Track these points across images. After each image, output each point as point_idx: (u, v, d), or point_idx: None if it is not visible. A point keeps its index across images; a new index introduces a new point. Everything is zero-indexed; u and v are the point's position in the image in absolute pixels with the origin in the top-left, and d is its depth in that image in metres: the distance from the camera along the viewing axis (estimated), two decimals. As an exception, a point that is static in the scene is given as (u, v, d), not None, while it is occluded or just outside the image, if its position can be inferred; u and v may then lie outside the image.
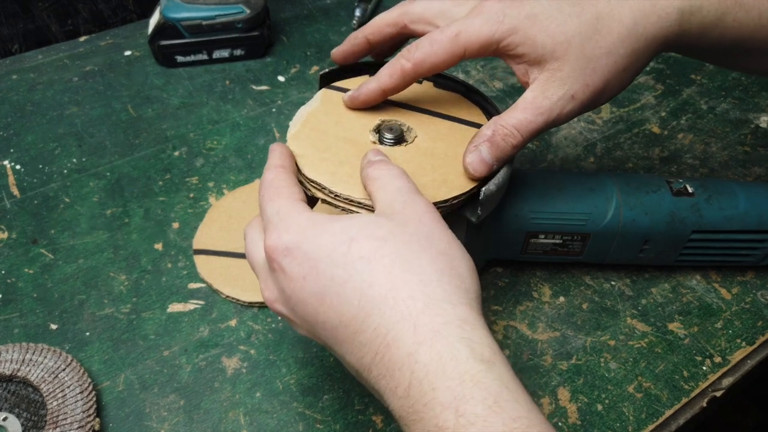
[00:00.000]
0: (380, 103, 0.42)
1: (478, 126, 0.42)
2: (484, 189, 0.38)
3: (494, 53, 0.38)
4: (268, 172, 0.35)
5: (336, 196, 0.37)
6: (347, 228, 0.30)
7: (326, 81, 0.45)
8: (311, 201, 0.38)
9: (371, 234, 0.30)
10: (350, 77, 0.46)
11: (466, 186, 0.38)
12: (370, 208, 0.36)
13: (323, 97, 0.43)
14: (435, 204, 0.37)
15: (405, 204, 0.32)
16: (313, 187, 0.38)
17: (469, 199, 0.39)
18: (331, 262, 0.30)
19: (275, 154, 0.37)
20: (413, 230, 0.31)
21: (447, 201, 0.37)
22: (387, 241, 0.30)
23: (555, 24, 0.36)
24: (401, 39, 0.45)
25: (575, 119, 0.64)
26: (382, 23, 0.43)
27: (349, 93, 0.41)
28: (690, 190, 0.47)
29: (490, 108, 0.44)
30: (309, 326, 0.32)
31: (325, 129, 0.41)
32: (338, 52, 0.45)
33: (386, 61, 0.45)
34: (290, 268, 0.31)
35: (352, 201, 0.36)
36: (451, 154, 0.40)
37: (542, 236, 0.46)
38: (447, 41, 0.37)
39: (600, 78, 0.37)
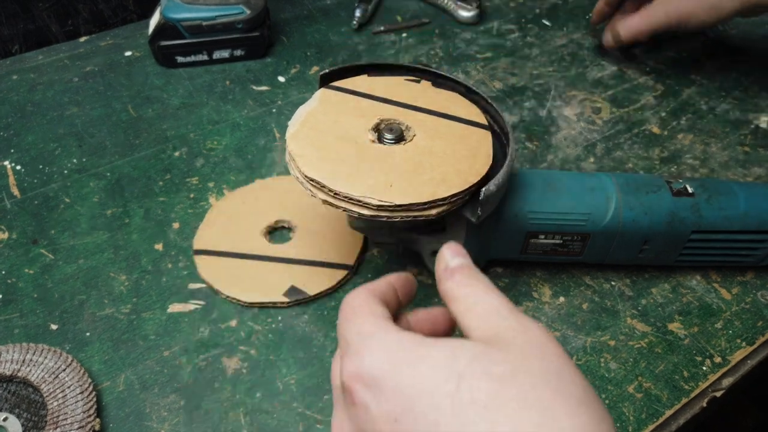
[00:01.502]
0: (378, 103, 0.42)
1: (477, 125, 0.42)
2: (484, 189, 0.38)
3: None
4: (348, 295, 0.29)
5: (336, 194, 0.37)
6: (453, 359, 0.24)
7: (327, 81, 0.45)
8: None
9: (487, 370, 0.23)
10: (350, 77, 0.46)
11: (465, 184, 0.38)
12: (373, 207, 0.36)
13: (322, 96, 0.43)
14: (435, 202, 0.37)
15: (516, 331, 0.25)
16: (313, 186, 0.38)
17: (470, 199, 0.39)
18: (433, 405, 0.23)
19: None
20: (538, 368, 0.23)
21: (446, 199, 0.37)
22: (507, 382, 0.23)
23: None
24: None
25: (575, 119, 0.65)
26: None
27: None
28: (690, 190, 0.47)
29: (489, 108, 0.44)
30: None
31: (323, 128, 0.41)
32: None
33: (383, 63, 0.46)
34: (375, 406, 0.24)
35: (351, 199, 0.37)
36: (449, 152, 0.40)
37: (542, 236, 0.46)
38: None
39: (686, 6, 0.58)
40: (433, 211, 0.37)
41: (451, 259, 0.29)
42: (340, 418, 0.27)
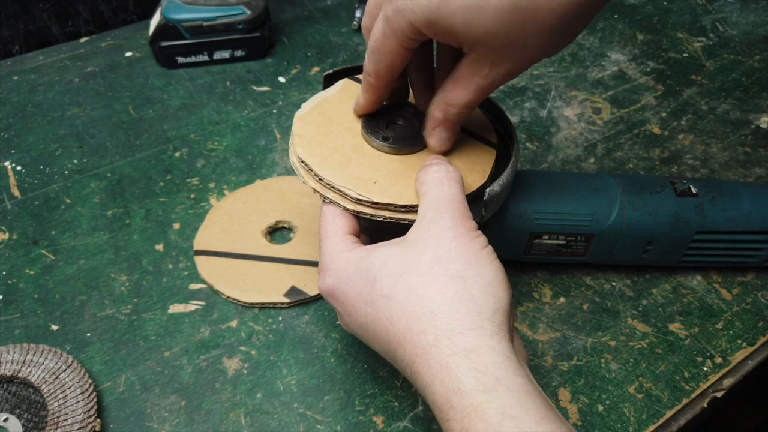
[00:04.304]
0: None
1: (485, 141, 0.42)
2: (488, 190, 0.38)
3: (426, 33, 0.34)
4: (322, 217, 0.38)
5: (320, 179, 0.37)
6: (371, 266, 0.33)
7: (330, 82, 0.45)
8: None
9: (390, 271, 0.32)
10: (358, 74, 0.46)
11: (470, 187, 0.38)
12: (352, 200, 0.36)
13: (343, 86, 0.43)
14: (413, 207, 0.37)
15: (430, 222, 0.33)
16: (302, 167, 0.38)
17: (474, 199, 0.39)
18: (362, 302, 0.33)
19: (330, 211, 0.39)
20: (429, 257, 0.32)
21: None
22: (402, 276, 0.32)
23: (471, 14, 0.31)
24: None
25: (575, 119, 0.65)
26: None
27: (355, 104, 0.41)
28: (694, 190, 0.47)
29: (492, 107, 0.44)
30: (372, 348, 0.35)
31: (332, 116, 0.41)
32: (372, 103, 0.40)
33: None
34: (338, 307, 0.35)
35: (333, 187, 0.37)
36: (455, 156, 0.40)
37: (546, 237, 0.46)
38: (381, 42, 0.35)
39: (532, 53, 0.34)
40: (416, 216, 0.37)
41: (430, 160, 0.37)
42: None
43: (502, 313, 0.31)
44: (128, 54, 0.71)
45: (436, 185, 0.35)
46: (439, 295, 0.31)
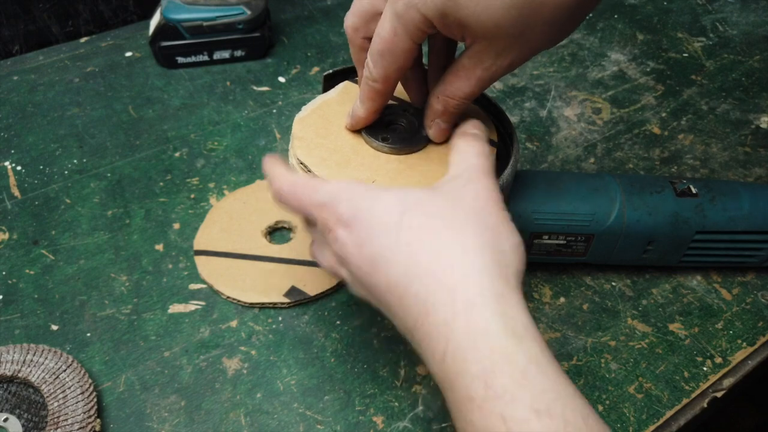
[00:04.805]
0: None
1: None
2: None
3: (433, 27, 0.34)
4: (284, 180, 0.35)
5: None
6: (402, 199, 0.32)
7: (330, 82, 0.45)
8: None
9: (424, 210, 0.32)
10: (354, 76, 0.46)
11: None
12: None
13: (343, 89, 0.43)
14: None
15: (468, 181, 0.34)
16: (301, 168, 0.38)
17: None
18: (383, 230, 0.31)
19: (276, 167, 0.36)
20: (465, 204, 0.32)
21: None
22: (436, 216, 0.31)
23: (481, 7, 0.32)
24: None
25: (575, 119, 0.65)
26: (357, 60, 0.39)
27: (347, 121, 0.40)
28: (694, 190, 0.47)
29: (492, 107, 0.44)
30: (364, 289, 0.33)
31: (332, 119, 0.41)
32: (365, 119, 0.40)
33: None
34: (347, 237, 0.32)
35: None
36: (445, 160, 0.40)
37: (546, 237, 0.46)
38: (391, 42, 0.35)
39: (535, 45, 0.34)
40: None
41: (470, 129, 0.38)
42: (321, 249, 0.36)
43: (521, 277, 0.31)
44: (128, 54, 0.71)
45: (477, 156, 0.35)
46: (473, 237, 0.31)
